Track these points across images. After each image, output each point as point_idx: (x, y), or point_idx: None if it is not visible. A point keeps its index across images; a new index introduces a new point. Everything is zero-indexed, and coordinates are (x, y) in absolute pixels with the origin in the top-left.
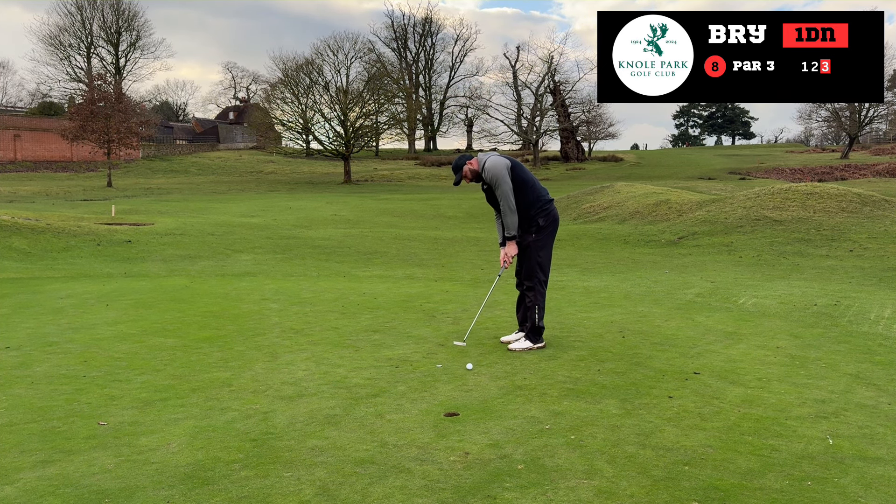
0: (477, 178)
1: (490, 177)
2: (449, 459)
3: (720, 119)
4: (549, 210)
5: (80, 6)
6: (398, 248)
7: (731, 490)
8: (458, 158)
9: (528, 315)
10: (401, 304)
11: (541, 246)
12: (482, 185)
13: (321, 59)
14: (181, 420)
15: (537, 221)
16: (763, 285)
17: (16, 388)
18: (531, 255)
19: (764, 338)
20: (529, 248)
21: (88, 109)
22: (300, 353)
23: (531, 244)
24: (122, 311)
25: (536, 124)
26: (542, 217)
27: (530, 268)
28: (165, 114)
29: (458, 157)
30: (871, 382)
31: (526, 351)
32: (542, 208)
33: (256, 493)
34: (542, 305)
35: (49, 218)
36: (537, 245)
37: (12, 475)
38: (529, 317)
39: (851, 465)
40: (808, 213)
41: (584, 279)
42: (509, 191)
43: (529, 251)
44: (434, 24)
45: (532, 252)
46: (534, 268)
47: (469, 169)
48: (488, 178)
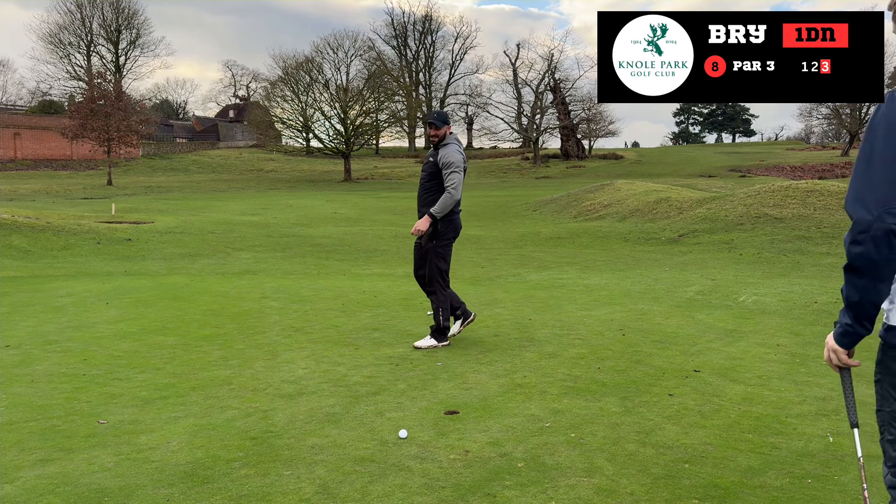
0: (435, 146)
1: (448, 160)
2: (449, 457)
3: (720, 117)
4: (453, 218)
5: (79, 4)
6: (398, 246)
7: (732, 488)
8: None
9: (434, 316)
10: (401, 302)
11: (440, 255)
12: (429, 157)
13: (321, 57)
14: (181, 418)
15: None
16: (763, 283)
17: (16, 387)
18: (431, 261)
19: (764, 335)
20: (429, 255)
21: (88, 108)
22: (300, 352)
23: (430, 251)
24: (122, 309)
25: (537, 122)
26: (444, 222)
27: (431, 274)
28: (165, 112)
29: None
30: (871, 380)
31: (430, 348)
32: (449, 214)
33: (256, 491)
34: (445, 307)
35: (49, 216)
36: (436, 253)
37: (12, 473)
38: (435, 318)
39: (852, 463)
40: (809, 210)
41: (585, 277)
42: (461, 181)
43: (429, 257)
44: (434, 21)
45: (432, 259)
46: (434, 275)
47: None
48: (443, 158)
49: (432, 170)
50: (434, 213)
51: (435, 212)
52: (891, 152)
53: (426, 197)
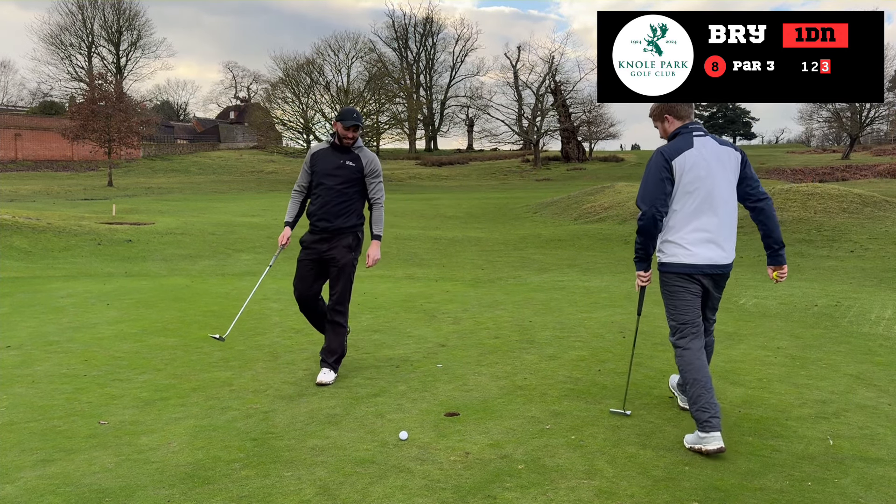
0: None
1: (377, 168)
2: (449, 459)
3: (721, 119)
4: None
5: (81, 5)
6: (398, 248)
7: (732, 490)
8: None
9: (338, 342)
10: (401, 304)
11: (354, 269)
12: (343, 161)
13: (322, 59)
14: (182, 419)
15: (357, 235)
16: (764, 286)
17: (16, 387)
18: (347, 276)
19: (764, 338)
20: (345, 269)
21: (89, 109)
22: (301, 353)
23: (347, 265)
24: (122, 310)
25: (537, 124)
26: (362, 230)
27: (344, 291)
28: (166, 113)
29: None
30: (872, 383)
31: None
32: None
33: (257, 492)
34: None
35: (50, 217)
36: (353, 266)
37: (13, 474)
38: (340, 344)
39: (852, 466)
40: (809, 213)
41: (585, 279)
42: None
43: (345, 272)
44: (435, 23)
45: (348, 273)
46: (347, 291)
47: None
48: (370, 165)
49: (353, 176)
50: (380, 235)
51: (380, 233)
52: (654, 179)
53: (344, 206)
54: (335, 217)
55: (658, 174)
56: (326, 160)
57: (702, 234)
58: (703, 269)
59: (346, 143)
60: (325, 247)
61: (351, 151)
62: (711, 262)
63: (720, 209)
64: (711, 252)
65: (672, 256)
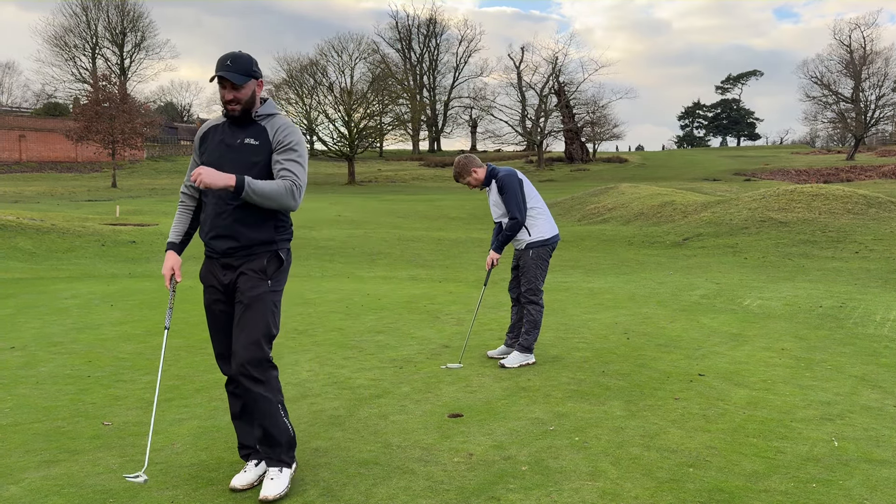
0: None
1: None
2: (453, 460)
3: (725, 120)
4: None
5: (85, 7)
6: (402, 249)
7: (736, 492)
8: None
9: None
10: (405, 305)
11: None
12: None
13: (325, 60)
14: (185, 420)
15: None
16: (768, 287)
17: (21, 388)
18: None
19: (769, 339)
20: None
21: (93, 110)
22: (304, 354)
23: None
24: (126, 311)
25: (541, 125)
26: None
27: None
28: (170, 114)
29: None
30: (877, 385)
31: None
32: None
33: (260, 493)
34: None
35: (54, 218)
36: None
37: (17, 475)
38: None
39: (857, 468)
40: (814, 214)
41: (589, 280)
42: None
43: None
44: (438, 24)
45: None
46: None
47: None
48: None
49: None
50: (244, 183)
51: (248, 185)
52: (521, 194)
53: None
54: (236, 228)
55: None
56: (217, 141)
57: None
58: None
59: (232, 112)
60: (229, 277)
61: (255, 124)
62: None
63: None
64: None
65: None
